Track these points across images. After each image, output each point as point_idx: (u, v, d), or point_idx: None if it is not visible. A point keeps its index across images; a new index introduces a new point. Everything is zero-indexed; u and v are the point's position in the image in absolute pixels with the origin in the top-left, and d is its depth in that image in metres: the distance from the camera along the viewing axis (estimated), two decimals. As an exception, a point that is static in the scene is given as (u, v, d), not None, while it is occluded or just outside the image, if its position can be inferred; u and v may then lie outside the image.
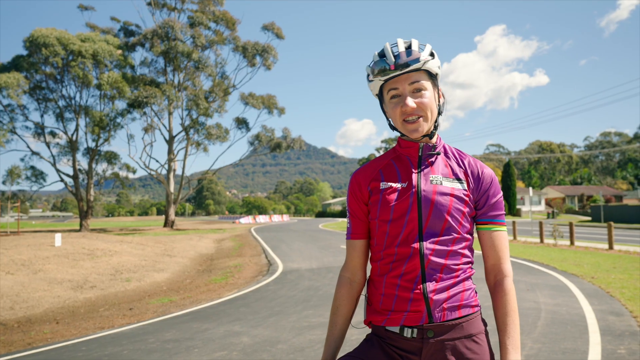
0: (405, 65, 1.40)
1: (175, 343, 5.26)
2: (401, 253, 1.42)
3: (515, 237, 19.33)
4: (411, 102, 1.42)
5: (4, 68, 31.63)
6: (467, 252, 1.45)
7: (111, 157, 36.42)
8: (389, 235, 1.45)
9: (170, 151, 38.47)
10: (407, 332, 1.40)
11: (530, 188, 21.51)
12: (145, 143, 37.76)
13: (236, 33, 38.82)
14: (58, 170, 34.50)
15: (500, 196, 1.50)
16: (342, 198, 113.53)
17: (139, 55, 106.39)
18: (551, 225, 18.06)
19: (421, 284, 1.39)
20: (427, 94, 1.44)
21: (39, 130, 34.22)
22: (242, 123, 39.55)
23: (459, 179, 1.48)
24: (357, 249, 1.57)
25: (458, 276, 1.42)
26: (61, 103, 34.05)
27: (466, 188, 1.47)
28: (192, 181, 45.23)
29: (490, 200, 1.49)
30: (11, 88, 29.00)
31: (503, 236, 1.48)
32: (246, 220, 56.42)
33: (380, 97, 1.53)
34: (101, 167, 36.68)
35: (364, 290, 1.59)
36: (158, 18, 38.20)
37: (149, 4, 38.17)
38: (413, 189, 1.44)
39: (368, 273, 1.59)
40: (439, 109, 1.50)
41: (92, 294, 9.60)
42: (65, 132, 34.70)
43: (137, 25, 39.14)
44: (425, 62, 1.42)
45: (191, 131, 38.28)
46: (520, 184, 73.56)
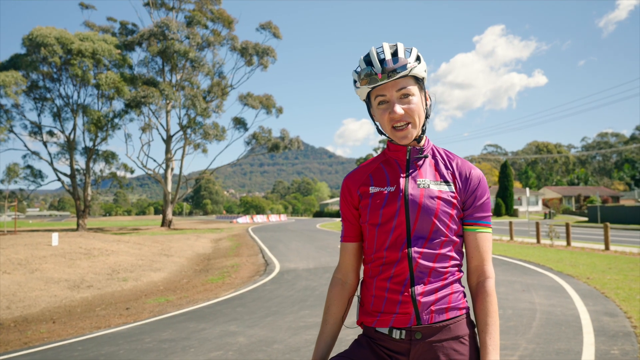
0: (392, 72, 1.41)
1: (171, 343, 5.28)
2: (390, 256, 1.44)
3: (512, 238, 19.40)
4: (399, 109, 1.43)
5: (2, 67, 31.57)
6: (456, 255, 1.47)
7: (109, 157, 36.36)
8: (378, 238, 1.47)
9: (167, 151, 38.45)
10: (396, 334, 1.43)
11: (527, 188, 21.50)
12: (142, 142, 37.73)
13: (233, 32, 38.83)
14: (55, 169, 34.52)
15: (487, 197, 1.51)
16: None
17: (137, 55, 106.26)
18: (547, 225, 18.10)
19: (410, 287, 1.41)
20: (415, 100, 1.45)
21: (36, 129, 34.17)
22: (240, 123, 39.56)
23: (447, 182, 1.49)
24: (350, 251, 1.59)
25: (446, 279, 1.44)
26: (59, 102, 34.06)
27: (454, 190, 1.48)
28: (190, 181, 45.23)
29: (477, 201, 1.50)
30: (9, 87, 28.95)
31: (488, 238, 1.50)
32: (244, 220, 56.31)
33: (367, 102, 1.55)
34: (99, 167, 36.67)
35: (358, 291, 1.61)
36: (156, 17, 38.25)
37: (147, 4, 38.13)
38: (401, 193, 1.46)
39: (362, 275, 1.61)
40: (427, 113, 1.51)
41: (89, 294, 9.62)
42: (62, 132, 34.67)
43: (135, 24, 39.11)
44: (412, 69, 1.43)
45: (189, 131, 38.28)
46: (517, 185, 73.71)
